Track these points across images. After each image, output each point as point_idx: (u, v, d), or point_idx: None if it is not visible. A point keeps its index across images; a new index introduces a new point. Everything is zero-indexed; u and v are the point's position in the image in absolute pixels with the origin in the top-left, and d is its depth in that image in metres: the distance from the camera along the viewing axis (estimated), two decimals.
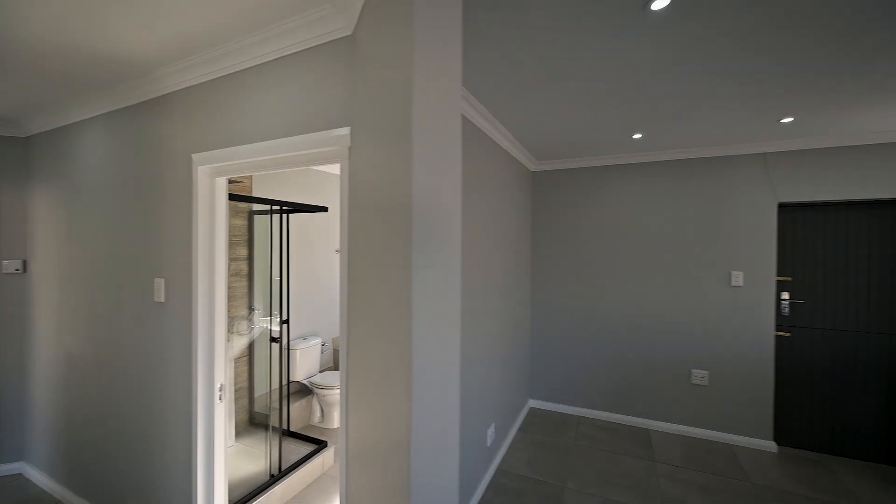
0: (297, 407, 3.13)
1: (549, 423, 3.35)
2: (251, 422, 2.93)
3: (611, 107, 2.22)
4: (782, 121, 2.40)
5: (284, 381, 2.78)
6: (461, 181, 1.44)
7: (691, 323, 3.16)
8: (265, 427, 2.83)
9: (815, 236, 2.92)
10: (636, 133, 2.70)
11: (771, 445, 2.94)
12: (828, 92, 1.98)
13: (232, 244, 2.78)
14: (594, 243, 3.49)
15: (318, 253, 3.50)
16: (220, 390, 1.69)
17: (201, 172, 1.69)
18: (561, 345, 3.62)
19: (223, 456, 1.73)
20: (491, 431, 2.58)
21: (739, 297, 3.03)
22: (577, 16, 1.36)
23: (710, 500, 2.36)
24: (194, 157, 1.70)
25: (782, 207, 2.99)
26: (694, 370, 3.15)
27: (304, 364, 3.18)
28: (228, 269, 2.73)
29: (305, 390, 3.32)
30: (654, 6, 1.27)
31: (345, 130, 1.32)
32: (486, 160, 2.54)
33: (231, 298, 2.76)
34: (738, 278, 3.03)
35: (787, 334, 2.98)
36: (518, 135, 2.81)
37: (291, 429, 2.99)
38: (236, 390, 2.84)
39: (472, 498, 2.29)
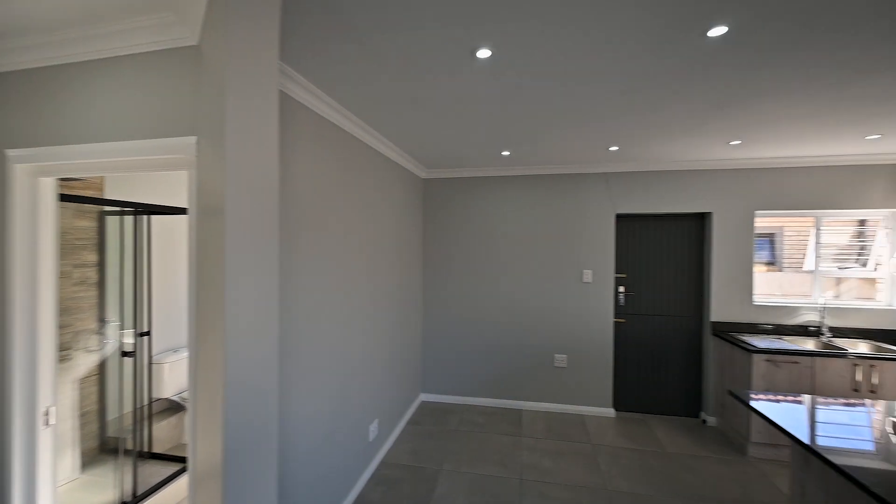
0: (164, 426, 2.87)
1: (437, 414, 3.61)
2: (103, 448, 2.61)
3: (474, 129, 2.51)
4: (610, 148, 2.97)
5: (145, 400, 2.54)
6: (278, 188, 1.51)
7: (554, 315, 3.70)
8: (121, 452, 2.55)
9: (640, 241, 3.66)
10: (504, 151, 3.07)
11: (611, 412, 3.60)
12: (634, 128, 2.53)
13: (76, 249, 2.45)
14: (477, 246, 3.85)
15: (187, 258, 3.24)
16: (47, 415, 1.52)
17: (19, 171, 1.50)
18: (449, 341, 3.91)
19: (51, 492, 1.55)
20: (374, 427, 2.70)
21: (589, 291, 3.64)
22: (419, 56, 1.56)
23: (558, 461, 2.82)
24: (9, 153, 1.50)
25: (619, 217, 3.67)
26: (556, 355, 3.69)
27: (174, 378, 2.93)
28: (69, 276, 2.41)
29: (177, 407, 3.05)
30: (479, 55, 1.52)
31: (192, 139, 1.32)
32: (371, 169, 2.66)
33: (74, 311, 2.43)
34: (588, 276, 3.64)
35: (623, 320, 3.68)
36: (403, 147, 2.98)
37: (157, 450, 2.73)
38: (83, 414, 2.51)
39: (352, 491, 2.39)
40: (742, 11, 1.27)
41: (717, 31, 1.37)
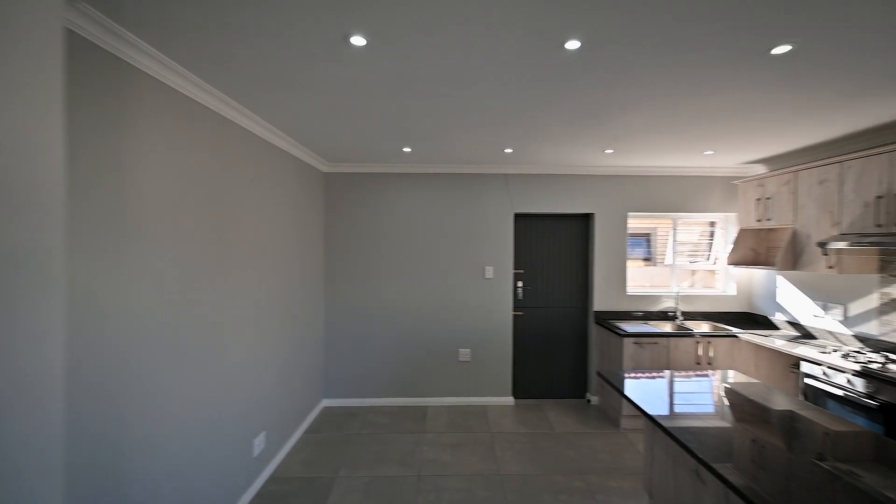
0: None
1: (340, 419, 3.46)
2: None
3: (369, 121, 2.44)
4: (505, 150, 3.14)
5: None
6: (62, 162, 1.30)
7: (458, 310, 3.79)
8: None
9: (536, 238, 3.94)
10: (405, 147, 3.06)
11: (510, 400, 3.82)
12: (522, 131, 2.70)
13: None
14: (381, 243, 3.78)
15: None
16: None
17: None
18: (353, 342, 3.78)
19: None
20: (260, 440, 2.48)
21: (491, 287, 3.81)
22: (290, 38, 1.45)
23: (458, 453, 2.90)
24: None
25: (517, 216, 3.91)
26: (460, 349, 3.79)
27: None
28: None
29: None
30: (354, 41, 1.47)
31: None
32: (257, 159, 2.43)
33: None
34: (490, 272, 3.80)
35: (521, 313, 3.92)
36: (298, 137, 2.78)
37: None
38: None
39: None
40: (588, 29, 1.41)
41: (572, 44, 1.50)
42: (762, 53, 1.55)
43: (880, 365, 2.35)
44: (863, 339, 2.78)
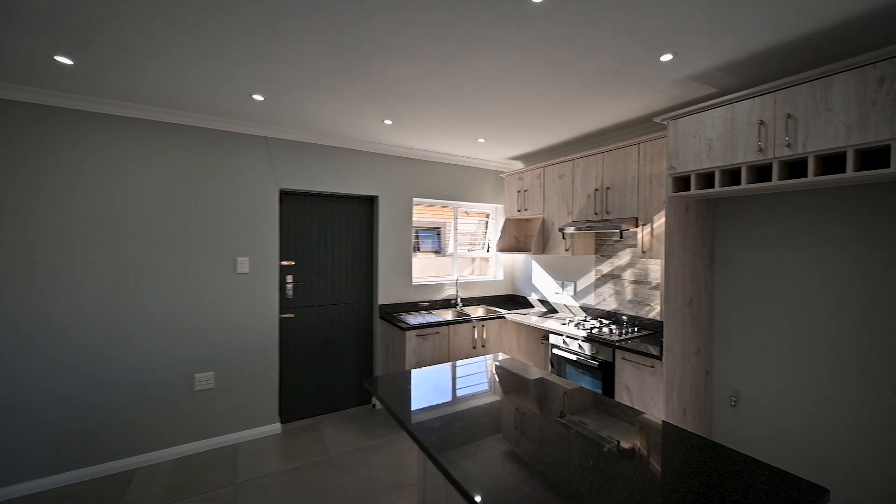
0: None
1: None
2: None
3: None
4: (254, 96, 2.32)
5: None
6: None
7: (194, 320, 2.70)
8: None
9: (310, 223, 3.25)
10: (59, 55, 1.81)
11: (276, 428, 2.99)
12: (270, 67, 1.96)
13: None
14: (54, 228, 2.28)
15: None
16: None
17: None
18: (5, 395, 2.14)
19: None
20: None
21: (246, 284, 2.88)
22: None
23: None
24: None
25: (284, 194, 3.11)
26: (197, 375, 2.71)
27: None
28: None
29: None
30: None
31: None
32: None
33: None
34: (244, 265, 2.86)
35: (292, 315, 3.15)
36: None
37: None
38: None
39: None
40: None
41: None
42: (521, 3, 1.37)
43: (598, 329, 2.81)
44: (586, 309, 3.36)
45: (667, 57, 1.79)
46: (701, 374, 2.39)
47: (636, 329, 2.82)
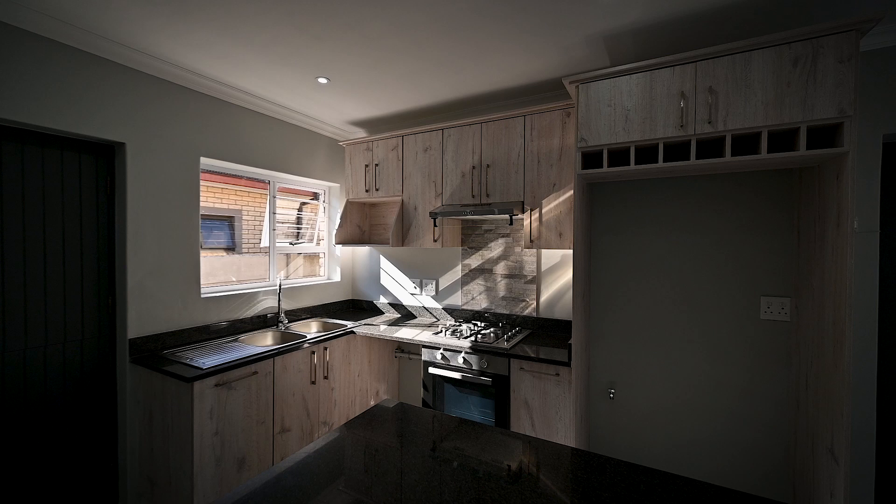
0: None
1: None
2: None
3: None
4: None
5: None
6: None
7: None
8: None
9: None
10: None
11: None
12: None
13: None
14: None
15: None
16: None
17: None
18: None
19: None
20: None
21: None
22: None
23: None
24: None
25: None
26: None
27: None
28: None
29: None
30: None
31: None
32: None
33: None
34: None
35: None
36: None
37: None
38: None
39: None
40: None
41: None
42: None
43: (481, 336, 2.31)
44: (452, 311, 2.85)
45: None
46: (586, 371, 2.23)
47: (517, 329, 2.48)
